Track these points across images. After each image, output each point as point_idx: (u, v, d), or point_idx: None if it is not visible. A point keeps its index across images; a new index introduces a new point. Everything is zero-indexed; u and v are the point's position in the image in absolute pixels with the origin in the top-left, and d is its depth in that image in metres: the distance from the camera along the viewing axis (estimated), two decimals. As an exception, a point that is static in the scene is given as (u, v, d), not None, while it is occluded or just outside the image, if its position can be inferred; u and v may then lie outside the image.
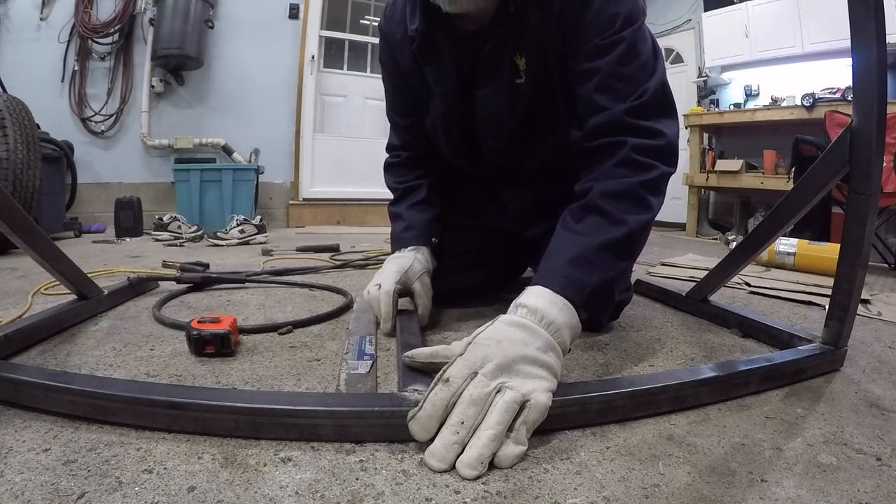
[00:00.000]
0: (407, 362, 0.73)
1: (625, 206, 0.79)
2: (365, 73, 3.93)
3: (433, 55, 1.00)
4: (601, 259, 0.76)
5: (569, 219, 0.82)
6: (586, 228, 0.79)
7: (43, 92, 2.92)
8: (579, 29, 0.88)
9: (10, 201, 0.85)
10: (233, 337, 0.88)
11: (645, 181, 0.81)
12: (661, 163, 0.83)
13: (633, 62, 0.86)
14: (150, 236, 2.62)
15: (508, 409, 0.57)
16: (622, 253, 0.79)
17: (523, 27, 0.91)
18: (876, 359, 0.98)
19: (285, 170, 3.64)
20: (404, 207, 1.18)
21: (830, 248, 1.88)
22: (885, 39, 0.76)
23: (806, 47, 3.43)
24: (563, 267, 0.74)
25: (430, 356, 0.71)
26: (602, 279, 0.75)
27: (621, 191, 0.80)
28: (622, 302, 1.09)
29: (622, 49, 0.85)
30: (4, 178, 1.96)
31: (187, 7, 3.05)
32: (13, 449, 0.56)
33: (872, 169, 0.80)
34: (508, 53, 0.94)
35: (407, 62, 1.07)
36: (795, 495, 0.53)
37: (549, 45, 0.91)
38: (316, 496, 0.50)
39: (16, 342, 0.85)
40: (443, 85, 1.03)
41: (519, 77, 0.96)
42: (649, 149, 0.83)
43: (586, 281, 0.74)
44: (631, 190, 0.80)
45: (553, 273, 0.74)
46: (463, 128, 1.08)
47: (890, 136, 2.14)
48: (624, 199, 0.80)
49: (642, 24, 0.89)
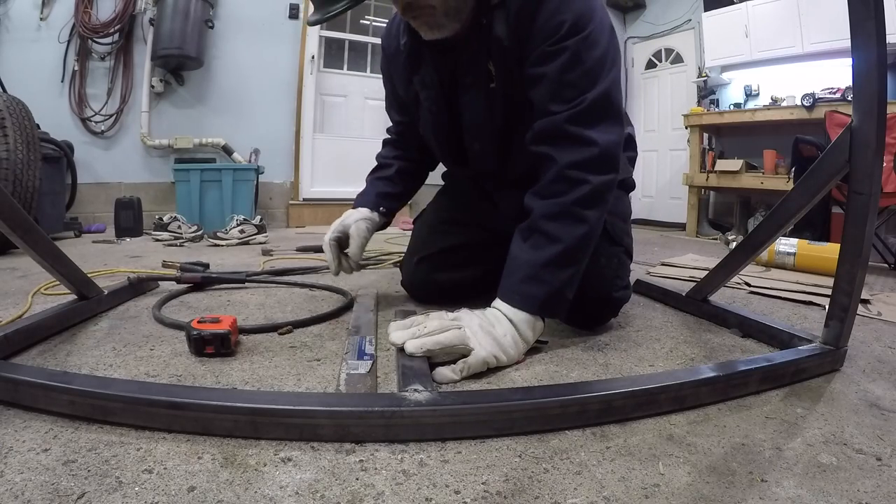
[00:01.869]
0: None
1: (560, 226, 0.91)
2: (365, 73, 3.93)
3: (419, 65, 1.08)
4: (546, 273, 0.90)
5: (518, 238, 0.96)
6: (532, 247, 0.92)
7: (43, 92, 2.92)
8: (530, 35, 0.93)
9: (10, 201, 0.85)
10: (233, 337, 0.88)
11: (577, 199, 0.90)
12: (593, 174, 0.91)
13: (576, 70, 0.91)
14: (150, 236, 2.62)
15: (456, 336, 0.81)
16: (564, 265, 0.91)
17: (492, 36, 0.97)
18: (876, 359, 0.98)
19: (285, 170, 3.64)
20: (372, 178, 1.33)
21: (830, 248, 1.88)
22: (885, 39, 0.76)
23: (806, 47, 3.42)
24: (517, 285, 0.90)
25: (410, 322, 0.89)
26: (549, 290, 0.89)
27: (556, 212, 0.91)
28: (620, 300, 1.10)
29: (565, 57, 0.91)
30: (4, 178, 1.96)
31: (187, 7, 3.05)
32: (13, 449, 0.56)
33: (872, 169, 0.80)
34: (482, 60, 1.01)
35: (400, 73, 1.15)
36: (795, 495, 0.53)
37: (510, 51, 0.97)
38: (316, 496, 0.50)
39: (16, 342, 0.85)
40: (428, 91, 1.10)
41: (492, 82, 1.02)
42: (579, 163, 0.91)
43: (537, 294, 0.89)
44: (564, 210, 0.91)
45: (511, 291, 0.91)
46: (451, 134, 1.15)
47: (890, 136, 2.14)
48: (559, 218, 0.91)
49: (592, 31, 0.92)
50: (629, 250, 1.16)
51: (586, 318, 1.09)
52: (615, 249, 1.11)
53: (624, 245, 1.14)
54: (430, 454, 0.59)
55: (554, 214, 0.91)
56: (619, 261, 1.11)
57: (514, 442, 0.62)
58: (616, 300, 1.09)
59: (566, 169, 0.91)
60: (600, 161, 0.91)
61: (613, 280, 1.08)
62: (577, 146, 0.91)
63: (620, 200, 1.19)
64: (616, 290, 1.08)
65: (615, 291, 1.08)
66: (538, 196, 0.94)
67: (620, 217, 1.16)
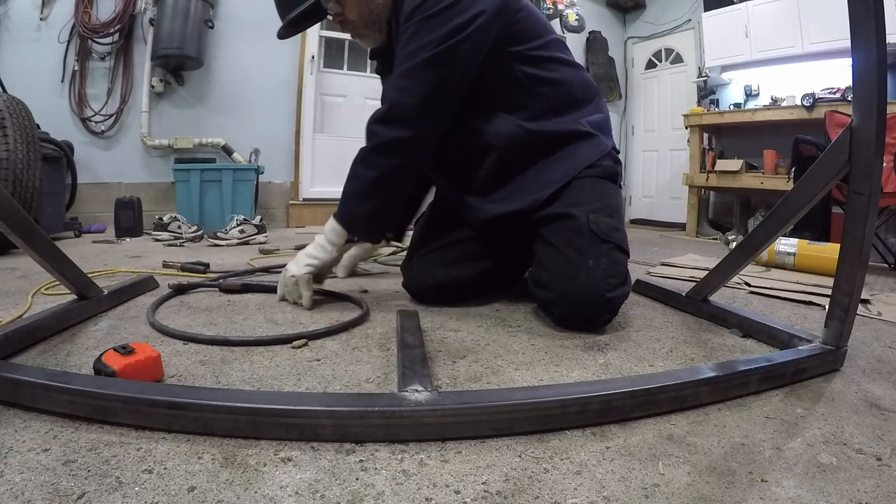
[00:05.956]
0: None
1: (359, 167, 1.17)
2: (365, 73, 3.93)
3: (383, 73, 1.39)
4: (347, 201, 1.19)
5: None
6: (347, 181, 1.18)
7: (43, 92, 2.91)
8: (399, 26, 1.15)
9: (10, 201, 0.85)
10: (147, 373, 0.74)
11: (370, 148, 1.15)
12: (382, 127, 1.13)
13: (410, 45, 1.10)
14: (150, 236, 2.62)
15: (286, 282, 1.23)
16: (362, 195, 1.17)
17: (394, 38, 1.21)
18: (876, 359, 0.98)
19: (285, 170, 3.64)
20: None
21: (830, 248, 1.88)
22: (885, 39, 0.76)
23: (806, 47, 3.42)
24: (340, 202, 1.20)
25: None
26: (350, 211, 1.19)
27: (359, 157, 1.17)
28: (617, 298, 1.09)
29: (408, 35, 1.11)
30: (4, 178, 1.96)
31: (187, 7, 3.04)
32: (13, 449, 0.56)
33: (872, 169, 0.80)
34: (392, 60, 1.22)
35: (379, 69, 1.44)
36: (795, 495, 0.53)
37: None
38: (316, 496, 0.50)
39: (16, 342, 0.85)
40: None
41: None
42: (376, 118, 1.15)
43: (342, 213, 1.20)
44: (362, 156, 1.16)
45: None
46: None
47: (890, 136, 2.14)
48: (359, 162, 1.17)
49: (440, 11, 1.07)
50: (621, 245, 1.12)
51: (585, 318, 1.07)
52: (603, 247, 1.09)
53: (613, 241, 1.10)
54: (430, 454, 0.59)
55: (357, 158, 1.17)
56: (609, 259, 1.08)
57: (514, 442, 0.62)
58: (612, 300, 1.07)
59: (368, 123, 1.16)
60: (387, 117, 1.12)
61: (606, 280, 1.06)
62: (381, 105, 1.16)
63: (607, 193, 1.18)
64: (610, 289, 1.06)
65: (609, 291, 1.06)
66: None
67: (606, 212, 1.13)
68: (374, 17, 1.23)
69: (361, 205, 1.16)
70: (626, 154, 4.96)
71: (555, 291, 1.09)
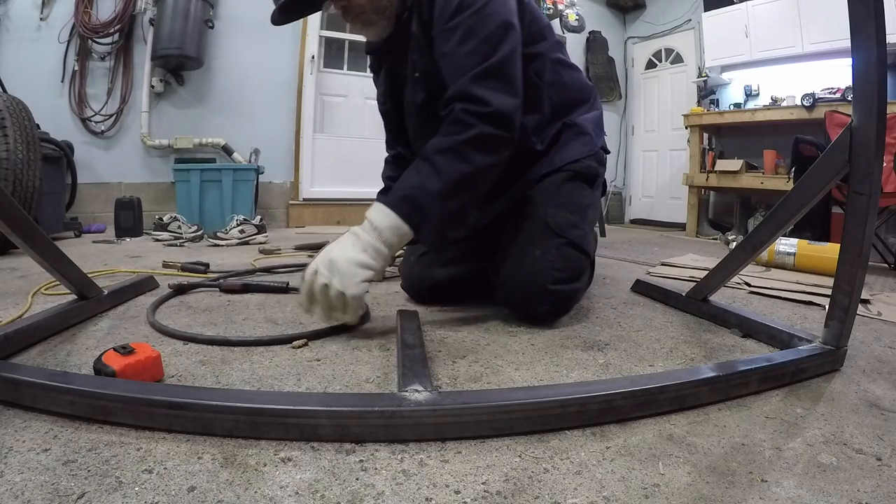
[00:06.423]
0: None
1: (445, 160, 0.98)
2: (365, 74, 3.92)
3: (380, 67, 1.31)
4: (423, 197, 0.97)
5: (412, 165, 1.03)
6: (415, 171, 1.00)
7: (43, 92, 2.91)
8: (432, 19, 1.06)
9: (10, 201, 0.85)
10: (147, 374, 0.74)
11: (466, 139, 0.98)
12: (483, 123, 0.98)
13: (471, 41, 1.01)
14: (150, 236, 2.62)
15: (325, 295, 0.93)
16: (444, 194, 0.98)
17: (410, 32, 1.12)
18: (876, 359, 0.98)
19: (285, 170, 3.64)
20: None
21: (830, 248, 1.88)
22: (885, 39, 0.76)
23: (806, 47, 3.42)
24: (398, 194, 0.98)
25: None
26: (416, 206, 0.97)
27: (446, 146, 0.99)
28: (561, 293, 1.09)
29: (461, 32, 1.02)
30: (4, 178, 1.96)
31: (187, 7, 3.04)
32: (13, 449, 0.56)
33: (872, 169, 0.80)
34: (406, 54, 1.16)
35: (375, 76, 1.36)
36: (795, 495, 0.53)
37: (424, 40, 1.10)
38: (316, 496, 0.50)
39: (16, 342, 0.85)
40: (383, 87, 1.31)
41: (416, 71, 1.15)
42: (472, 112, 0.99)
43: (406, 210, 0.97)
44: (453, 146, 0.99)
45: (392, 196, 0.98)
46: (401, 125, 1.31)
47: (890, 136, 2.14)
48: (447, 153, 0.99)
49: (483, 6, 1.01)
50: (576, 242, 1.12)
51: (525, 306, 1.10)
52: (555, 241, 1.10)
53: (567, 237, 1.11)
54: (430, 454, 0.59)
55: (443, 149, 0.99)
56: (559, 252, 1.09)
57: (514, 442, 0.62)
58: (555, 292, 1.08)
59: (459, 113, 0.99)
60: (492, 117, 0.99)
61: (550, 271, 1.07)
62: (473, 103, 0.99)
63: (577, 191, 1.19)
64: (554, 282, 1.07)
65: (553, 283, 1.07)
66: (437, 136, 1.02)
67: (569, 208, 1.15)
68: (386, 2, 1.12)
69: (442, 205, 0.97)
70: (626, 154, 4.96)
71: (502, 276, 1.14)
